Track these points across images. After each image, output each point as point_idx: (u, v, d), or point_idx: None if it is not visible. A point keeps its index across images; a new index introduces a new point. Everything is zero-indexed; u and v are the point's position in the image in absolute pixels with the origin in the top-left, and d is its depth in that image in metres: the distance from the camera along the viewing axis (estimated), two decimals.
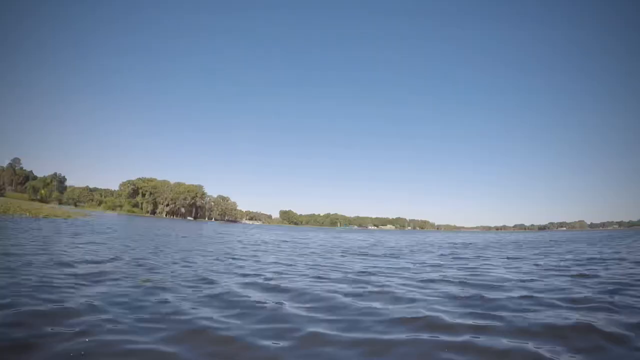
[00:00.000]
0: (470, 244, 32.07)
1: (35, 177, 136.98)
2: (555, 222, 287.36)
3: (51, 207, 74.75)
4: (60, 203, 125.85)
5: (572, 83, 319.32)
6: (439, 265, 13.61)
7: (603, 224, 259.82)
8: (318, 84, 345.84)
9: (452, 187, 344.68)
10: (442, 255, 18.71)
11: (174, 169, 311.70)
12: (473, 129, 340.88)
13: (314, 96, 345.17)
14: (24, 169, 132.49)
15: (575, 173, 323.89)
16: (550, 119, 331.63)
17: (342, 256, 16.81)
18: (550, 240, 38.64)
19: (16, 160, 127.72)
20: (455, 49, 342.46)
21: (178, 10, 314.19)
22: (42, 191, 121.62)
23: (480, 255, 18.79)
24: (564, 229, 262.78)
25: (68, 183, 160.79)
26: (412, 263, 14.37)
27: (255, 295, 6.75)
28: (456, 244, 32.20)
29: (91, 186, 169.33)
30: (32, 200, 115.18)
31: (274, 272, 10.02)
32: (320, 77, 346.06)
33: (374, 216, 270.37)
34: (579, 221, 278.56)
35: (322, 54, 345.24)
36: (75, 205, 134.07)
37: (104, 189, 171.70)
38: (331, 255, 16.89)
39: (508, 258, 16.89)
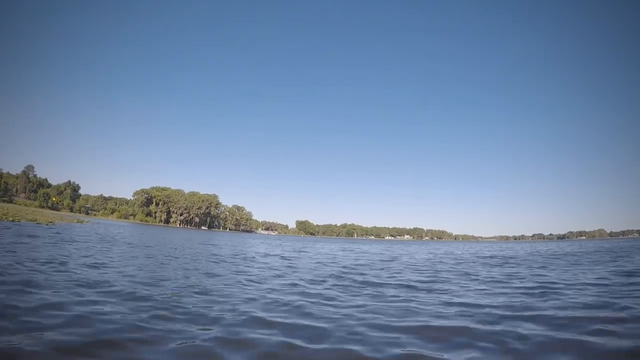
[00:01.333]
0: (510, 257, 23.55)
1: (49, 185, 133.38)
2: (575, 231, 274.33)
3: (38, 211, 68.72)
4: (72, 211, 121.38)
5: (589, 91, 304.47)
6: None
7: (623, 232, 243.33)
8: (333, 99, 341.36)
9: (469, 196, 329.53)
10: (489, 282, 10.57)
11: (189, 179, 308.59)
12: (490, 139, 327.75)
13: (330, 110, 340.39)
14: (37, 176, 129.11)
15: (592, 181, 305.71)
16: (568, 127, 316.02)
17: (337, 288, 8.95)
18: (579, 252, 29.47)
19: (30, 168, 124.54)
20: (472, 62, 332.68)
21: (195, 25, 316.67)
22: (53, 198, 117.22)
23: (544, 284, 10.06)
24: (584, 238, 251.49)
25: (84, 192, 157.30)
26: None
27: None
28: (486, 257, 24.03)
29: (107, 195, 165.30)
30: (42, 207, 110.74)
31: None
32: (335, 91, 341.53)
33: (391, 226, 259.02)
34: (598, 230, 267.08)
35: (335, 66, 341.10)
36: (87, 213, 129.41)
37: (119, 198, 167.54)
38: (318, 289, 8.76)
39: None
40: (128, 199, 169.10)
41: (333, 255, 24.44)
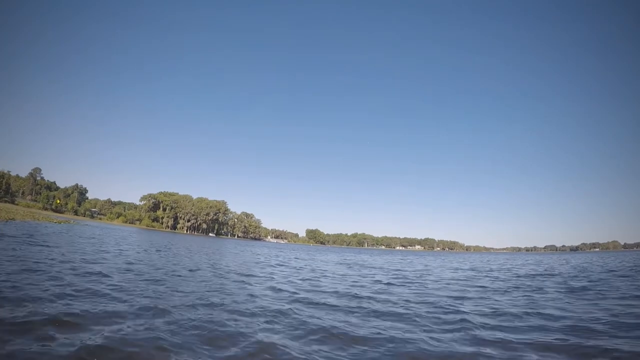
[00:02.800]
0: (571, 275, 18.16)
1: (57, 188, 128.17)
2: (588, 242, 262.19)
3: (36, 212, 62.07)
4: (76, 214, 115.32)
5: (603, 102, 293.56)
6: None
7: (637, 245, 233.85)
8: (345, 108, 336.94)
9: (480, 207, 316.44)
10: None
11: (199, 186, 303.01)
12: (501, 149, 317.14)
13: (342, 121, 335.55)
14: (45, 179, 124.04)
15: (605, 191, 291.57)
16: (581, 137, 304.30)
17: None
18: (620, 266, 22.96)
19: (36, 170, 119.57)
20: (480, 70, 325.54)
21: (202, 30, 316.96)
22: (58, 201, 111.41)
23: None
24: (597, 249, 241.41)
25: (93, 196, 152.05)
26: None
27: None
28: (529, 275, 17.56)
29: (116, 200, 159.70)
30: (45, 209, 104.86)
31: None
32: (346, 100, 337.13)
33: (402, 237, 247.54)
34: (612, 241, 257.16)
35: (345, 77, 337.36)
36: (92, 217, 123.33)
37: (128, 203, 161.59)
38: None
39: None
40: (137, 204, 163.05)
41: (321, 272, 16.79)
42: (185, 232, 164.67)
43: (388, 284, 12.70)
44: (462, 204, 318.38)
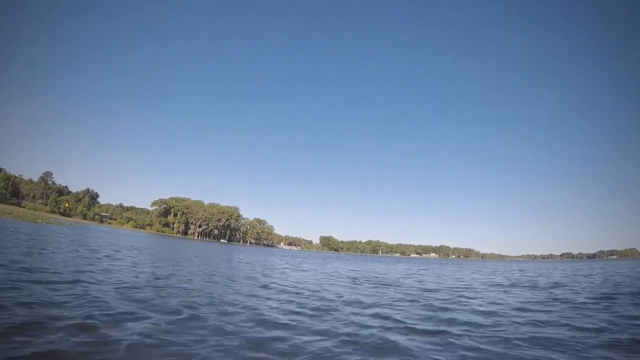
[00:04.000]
0: None
1: (69, 192, 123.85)
2: (605, 250, 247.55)
3: (40, 215, 56.41)
4: (85, 218, 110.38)
5: (621, 110, 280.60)
6: None
7: None
8: (357, 116, 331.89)
9: (494, 214, 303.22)
10: None
11: (214, 193, 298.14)
12: (513, 155, 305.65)
13: (356, 129, 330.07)
14: (57, 183, 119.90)
15: (622, 197, 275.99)
16: (594, 141, 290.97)
17: None
18: None
19: (47, 174, 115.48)
20: (495, 81, 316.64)
21: (219, 37, 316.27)
22: (66, 204, 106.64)
23: None
24: (615, 257, 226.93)
25: (106, 201, 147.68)
26: None
27: None
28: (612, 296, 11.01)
29: (128, 205, 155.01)
30: (53, 212, 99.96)
31: None
32: (357, 109, 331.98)
33: (416, 244, 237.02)
34: (630, 249, 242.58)
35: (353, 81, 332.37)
36: (101, 221, 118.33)
37: (140, 208, 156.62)
38: None
39: None
40: (149, 209, 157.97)
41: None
42: (196, 237, 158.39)
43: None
44: (475, 211, 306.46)
